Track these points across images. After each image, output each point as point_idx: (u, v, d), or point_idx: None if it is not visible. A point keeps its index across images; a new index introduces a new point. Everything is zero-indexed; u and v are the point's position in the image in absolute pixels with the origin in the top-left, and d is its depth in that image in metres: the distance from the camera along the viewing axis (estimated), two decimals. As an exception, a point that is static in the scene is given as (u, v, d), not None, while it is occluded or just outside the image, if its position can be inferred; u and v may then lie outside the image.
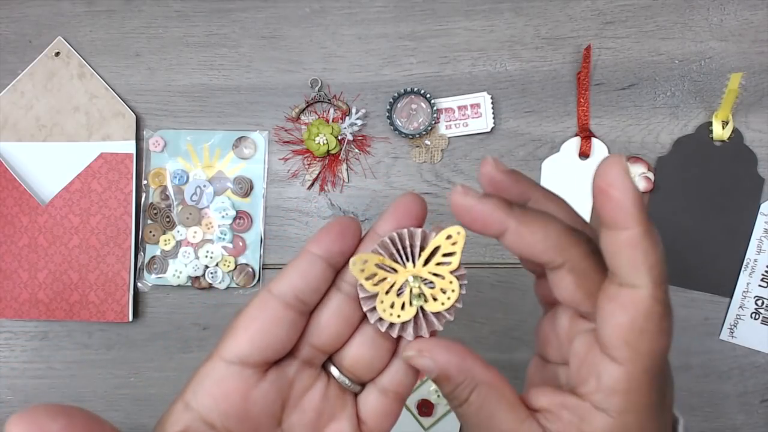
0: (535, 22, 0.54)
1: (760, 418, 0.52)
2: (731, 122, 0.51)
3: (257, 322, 0.26)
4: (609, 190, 0.23)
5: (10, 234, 0.54)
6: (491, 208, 0.25)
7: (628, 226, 0.23)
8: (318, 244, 0.27)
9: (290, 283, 0.27)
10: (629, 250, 0.23)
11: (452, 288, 0.27)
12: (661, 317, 0.24)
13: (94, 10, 0.56)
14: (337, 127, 0.53)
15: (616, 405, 0.25)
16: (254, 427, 0.27)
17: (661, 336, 0.24)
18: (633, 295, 0.23)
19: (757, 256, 0.51)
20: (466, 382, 0.27)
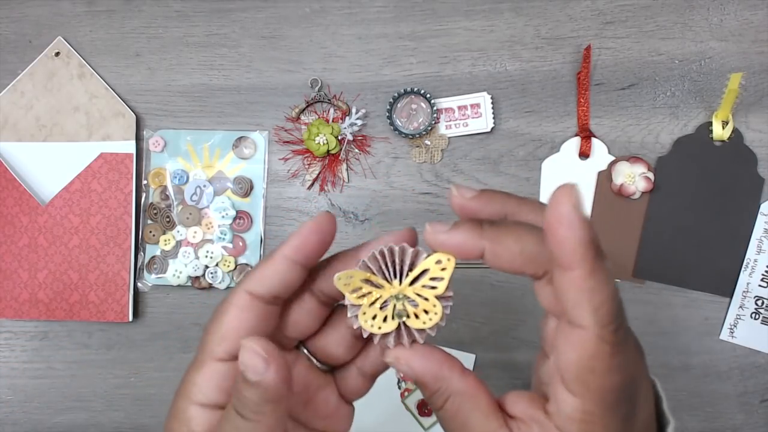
0: (535, 22, 0.54)
1: (760, 418, 0.52)
2: (731, 122, 0.51)
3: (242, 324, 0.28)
4: (555, 227, 0.22)
5: (10, 234, 0.54)
6: (462, 236, 0.26)
7: (573, 267, 0.23)
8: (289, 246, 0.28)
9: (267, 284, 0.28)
10: (574, 291, 0.23)
11: (434, 311, 0.28)
12: (611, 356, 0.24)
13: (94, 10, 0.56)
14: (337, 127, 0.53)
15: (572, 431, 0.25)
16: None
17: (611, 374, 0.24)
18: (580, 335, 0.24)
19: (757, 256, 0.51)
20: (440, 391, 0.27)
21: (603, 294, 0.23)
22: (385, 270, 0.28)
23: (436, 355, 0.28)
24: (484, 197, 0.27)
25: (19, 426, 0.55)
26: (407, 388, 0.52)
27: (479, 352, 0.52)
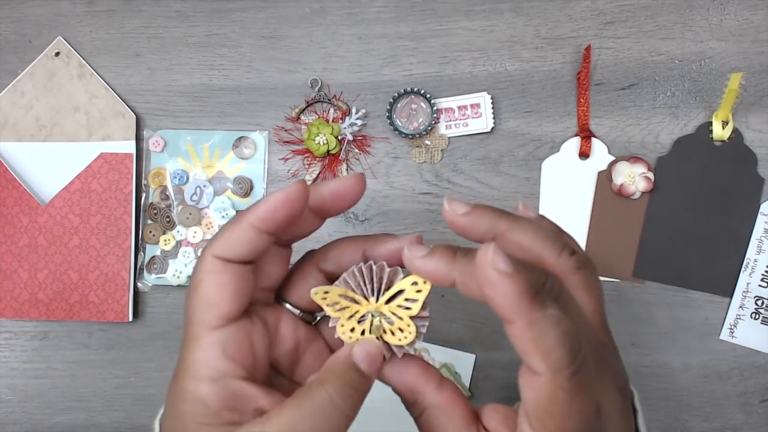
0: (535, 22, 0.54)
1: (760, 418, 0.52)
2: (731, 122, 0.51)
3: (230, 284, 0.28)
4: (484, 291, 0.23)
5: (10, 234, 0.54)
6: (435, 264, 0.26)
7: (511, 320, 0.23)
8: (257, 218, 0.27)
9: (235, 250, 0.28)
10: (519, 341, 0.23)
11: (409, 331, 0.28)
12: (567, 401, 0.24)
13: (94, 10, 0.56)
14: (337, 127, 0.53)
15: None
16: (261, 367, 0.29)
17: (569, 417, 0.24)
18: (537, 381, 0.24)
19: (757, 256, 0.51)
20: (416, 403, 0.28)
21: (550, 341, 0.23)
22: (363, 287, 0.28)
23: (411, 369, 0.28)
24: (475, 214, 0.27)
25: (19, 426, 0.55)
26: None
27: (479, 352, 0.52)
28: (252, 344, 0.28)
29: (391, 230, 0.53)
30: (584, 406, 0.25)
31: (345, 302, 0.29)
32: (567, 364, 0.23)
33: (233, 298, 0.28)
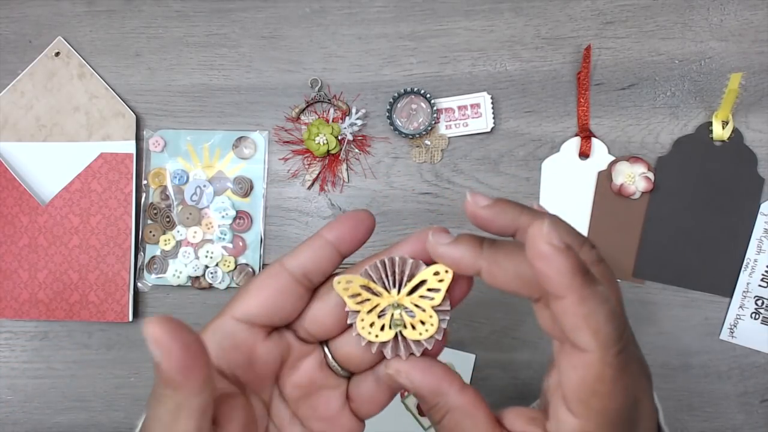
0: (535, 22, 0.54)
1: (760, 418, 0.52)
2: (731, 122, 0.51)
3: (268, 290, 0.28)
4: (536, 264, 0.23)
5: (10, 234, 0.54)
6: (461, 252, 0.26)
7: (563, 295, 0.23)
8: (332, 230, 0.29)
9: (301, 261, 0.29)
10: (570, 317, 0.23)
11: (431, 322, 0.28)
12: (614, 379, 0.24)
13: (94, 10, 0.56)
14: (337, 127, 0.53)
15: None
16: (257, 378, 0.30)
17: (613, 397, 0.24)
18: (583, 358, 0.24)
19: (757, 256, 0.51)
20: (438, 406, 0.28)
21: (600, 317, 0.23)
22: (385, 279, 0.28)
23: (435, 370, 0.28)
24: (497, 208, 0.27)
25: (19, 426, 0.55)
26: (407, 388, 0.52)
27: (479, 352, 0.52)
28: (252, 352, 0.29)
29: (391, 230, 0.53)
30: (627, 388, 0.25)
31: (366, 294, 0.28)
32: (615, 341, 0.23)
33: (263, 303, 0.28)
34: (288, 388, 0.31)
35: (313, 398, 0.31)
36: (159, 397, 0.26)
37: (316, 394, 0.31)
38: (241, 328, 0.29)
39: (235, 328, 0.29)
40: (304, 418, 0.31)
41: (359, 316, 0.28)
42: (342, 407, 0.31)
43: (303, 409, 0.31)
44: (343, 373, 0.31)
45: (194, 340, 0.25)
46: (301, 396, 0.31)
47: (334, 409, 0.31)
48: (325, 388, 0.31)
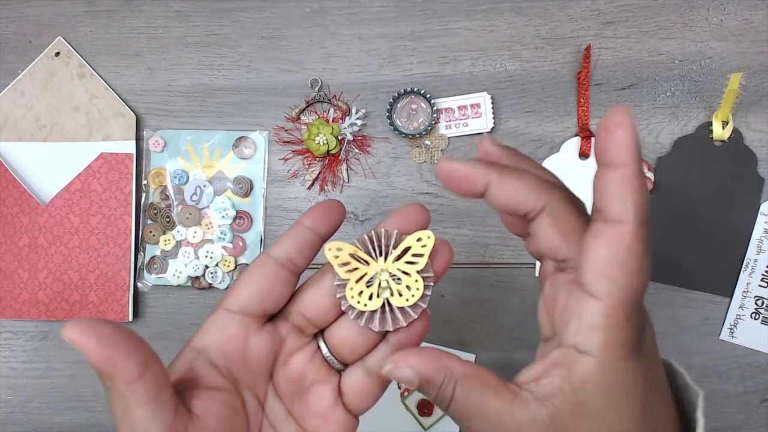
0: (535, 22, 0.54)
1: (760, 418, 0.52)
2: (731, 122, 0.51)
3: (257, 278, 0.30)
4: (614, 129, 0.24)
5: (10, 234, 0.54)
6: (472, 166, 0.28)
7: (626, 163, 0.24)
8: (308, 217, 0.31)
9: (285, 247, 0.31)
10: (622, 185, 0.25)
11: (417, 287, 0.29)
12: (642, 255, 0.25)
13: (94, 10, 0.56)
14: (337, 127, 0.53)
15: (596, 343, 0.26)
16: (250, 373, 0.31)
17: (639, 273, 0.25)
18: (618, 230, 0.25)
19: (757, 256, 0.51)
20: (446, 380, 0.28)
21: (643, 196, 0.25)
22: (372, 249, 0.30)
23: (430, 351, 0.28)
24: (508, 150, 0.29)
25: (19, 426, 0.55)
26: (407, 388, 0.52)
27: (479, 352, 0.52)
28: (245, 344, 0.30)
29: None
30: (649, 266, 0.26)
31: (355, 263, 0.30)
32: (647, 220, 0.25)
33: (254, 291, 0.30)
34: (282, 384, 0.32)
35: (306, 394, 0.32)
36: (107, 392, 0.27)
37: (309, 390, 0.32)
38: (235, 320, 0.30)
39: (228, 320, 0.30)
40: (299, 415, 0.32)
41: (348, 285, 0.30)
42: (335, 403, 0.32)
43: (297, 406, 0.32)
44: (336, 365, 0.32)
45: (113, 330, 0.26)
46: (295, 392, 0.32)
47: (326, 405, 0.32)
48: (318, 384, 0.32)
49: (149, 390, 0.27)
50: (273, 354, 0.31)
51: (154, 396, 0.27)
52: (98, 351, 0.26)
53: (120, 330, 0.26)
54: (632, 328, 0.26)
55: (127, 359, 0.26)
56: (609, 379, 0.26)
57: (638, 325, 0.26)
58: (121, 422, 0.27)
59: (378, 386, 0.32)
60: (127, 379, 0.26)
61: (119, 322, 0.54)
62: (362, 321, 0.30)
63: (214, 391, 0.30)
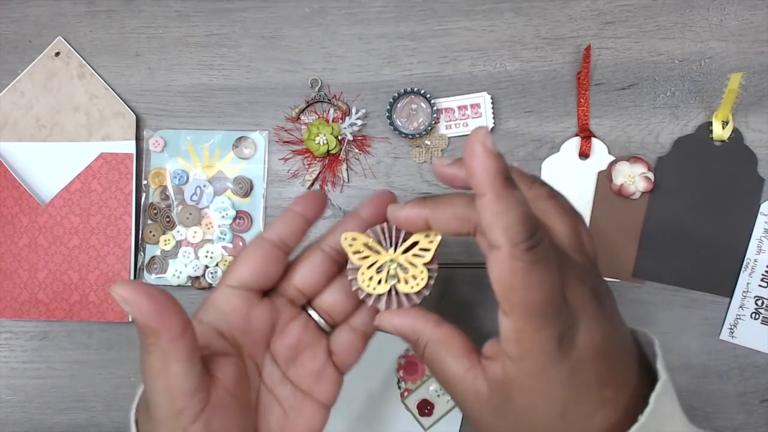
0: (535, 22, 0.54)
1: (760, 418, 0.52)
2: (731, 122, 0.51)
3: (255, 257, 0.34)
4: (467, 162, 0.27)
5: (10, 234, 0.54)
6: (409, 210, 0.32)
7: (483, 192, 0.26)
8: (298, 204, 0.36)
9: (278, 230, 0.35)
10: (485, 213, 0.27)
11: (421, 277, 0.33)
12: (525, 272, 0.27)
13: (94, 10, 0.56)
14: (337, 127, 0.53)
15: (512, 352, 0.29)
16: (252, 341, 0.35)
17: (529, 289, 0.27)
18: (497, 255, 0.27)
19: (757, 256, 0.51)
20: (419, 341, 0.33)
21: (511, 216, 0.26)
22: (384, 239, 0.34)
23: (412, 313, 0.33)
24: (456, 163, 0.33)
25: (19, 426, 0.55)
26: (407, 388, 0.52)
27: (479, 352, 0.52)
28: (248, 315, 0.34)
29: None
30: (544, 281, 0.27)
31: (367, 251, 0.34)
32: (524, 238, 0.26)
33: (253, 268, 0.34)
34: (279, 350, 0.36)
35: (300, 357, 0.36)
36: (146, 349, 0.29)
37: (303, 353, 0.36)
38: (237, 294, 0.34)
39: (231, 294, 0.34)
40: (294, 377, 0.36)
41: (360, 271, 0.34)
42: (326, 361, 0.36)
43: (292, 369, 0.36)
44: (326, 328, 0.37)
45: (159, 292, 0.29)
46: (290, 356, 0.36)
47: (319, 363, 0.36)
48: (310, 347, 0.36)
49: (188, 347, 0.29)
50: (271, 324, 0.35)
51: (191, 354, 0.30)
52: (148, 308, 0.28)
53: (165, 292, 0.29)
54: (546, 339, 0.28)
55: (173, 317, 0.29)
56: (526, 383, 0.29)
57: (555, 334, 0.28)
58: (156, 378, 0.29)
59: (362, 341, 0.37)
60: (171, 335, 0.29)
61: (120, 322, 0.54)
62: (370, 302, 0.34)
63: (225, 357, 0.33)
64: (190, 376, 0.30)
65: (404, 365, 0.52)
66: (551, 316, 0.28)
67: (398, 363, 0.52)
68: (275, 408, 0.35)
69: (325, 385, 0.36)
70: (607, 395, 0.30)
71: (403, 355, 0.52)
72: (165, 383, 0.29)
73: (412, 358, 0.52)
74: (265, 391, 0.35)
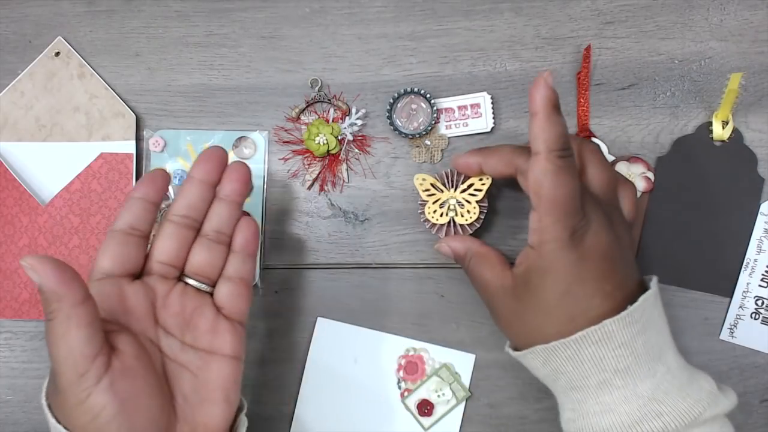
0: (535, 22, 0.54)
1: (760, 418, 0.52)
2: (731, 122, 0.51)
3: (109, 248, 0.38)
4: (531, 91, 0.36)
5: (10, 234, 0.54)
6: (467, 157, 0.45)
7: (536, 112, 0.36)
8: (137, 190, 0.40)
9: (125, 219, 0.39)
10: (534, 128, 0.36)
11: (474, 212, 0.46)
12: (554, 173, 0.36)
13: (94, 10, 0.56)
14: (337, 127, 0.53)
15: (535, 240, 0.38)
16: (136, 321, 0.37)
17: (555, 188, 0.36)
18: (535, 159, 0.37)
19: (757, 256, 0.51)
20: (466, 254, 0.44)
21: (551, 131, 0.36)
22: (446, 182, 0.47)
23: (462, 237, 0.46)
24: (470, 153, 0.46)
25: (19, 426, 0.55)
26: (407, 388, 0.52)
27: (479, 352, 0.52)
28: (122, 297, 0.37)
29: (391, 230, 0.53)
30: (566, 183, 0.36)
31: (433, 190, 0.47)
32: (557, 147, 0.36)
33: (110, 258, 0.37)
34: (168, 321, 0.39)
35: (191, 321, 0.39)
36: (50, 314, 0.32)
37: (192, 317, 0.39)
38: (105, 282, 0.37)
39: (99, 285, 0.37)
40: (191, 341, 0.39)
41: (427, 206, 0.47)
42: (216, 315, 0.40)
43: (188, 334, 0.39)
44: (206, 288, 0.40)
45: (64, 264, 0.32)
46: (181, 323, 0.39)
47: (211, 319, 0.39)
48: (197, 308, 0.39)
49: (90, 314, 0.32)
50: (149, 301, 0.38)
51: (92, 320, 0.32)
52: (53, 274, 0.31)
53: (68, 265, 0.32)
54: (561, 228, 0.37)
55: (75, 283, 0.32)
56: (542, 265, 0.38)
57: (569, 226, 0.37)
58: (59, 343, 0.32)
59: (242, 286, 0.41)
60: (74, 301, 0.31)
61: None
62: (434, 230, 0.47)
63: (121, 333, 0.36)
64: (92, 341, 0.32)
65: (404, 365, 0.52)
66: (567, 211, 0.36)
67: (398, 363, 0.52)
68: (184, 373, 0.38)
69: (223, 337, 0.39)
70: (606, 288, 0.38)
71: (403, 355, 0.52)
72: (67, 347, 0.31)
73: (412, 357, 0.52)
74: (169, 361, 0.38)
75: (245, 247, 0.41)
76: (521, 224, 0.52)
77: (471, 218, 0.46)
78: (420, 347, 0.52)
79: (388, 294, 0.53)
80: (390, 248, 0.53)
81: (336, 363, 0.52)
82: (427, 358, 0.52)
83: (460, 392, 0.51)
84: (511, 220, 0.52)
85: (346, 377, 0.52)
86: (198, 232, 0.41)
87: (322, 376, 0.52)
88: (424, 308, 0.53)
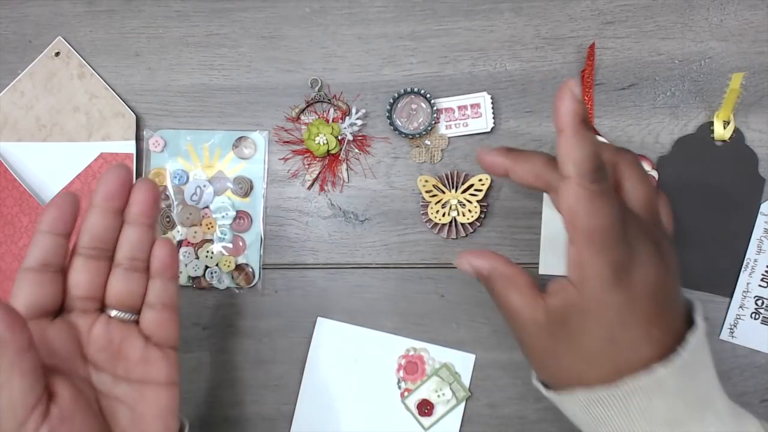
0: (535, 22, 0.54)
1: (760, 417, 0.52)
2: (732, 122, 0.51)
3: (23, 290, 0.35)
4: (556, 102, 0.32)
5: (10, 234, 0.54)
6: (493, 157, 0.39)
7: (563, 128, 0.31)
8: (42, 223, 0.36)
9: (33, 257, 0.36)
10: (563, 148, 0.32)
11: (475, 211, 0.49)
12: (588, 200, 0.31)
13: (94, 10, 0.56)
14: (337, 127, 0.53)
15: (574, 277, 0.33)
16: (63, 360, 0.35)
17: (591, 216, 0.31)
18: (566, 185, 0.32)
19: (757, 256, 0.51)
20: (492, 275, 0.38)
21: (582, 151, 0.31)
22: (447, 183, 0.49)
23: (487, 253, 0.39)
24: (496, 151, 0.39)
25: None
26: (407, 388, 0.52)
27: (479, 352, 0.52)
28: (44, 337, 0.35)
29: (391, 230, 0.53)
30: (603, 209, 0.31)
31: (435, 191, 0.50)
32: (590, 170, 0.31)
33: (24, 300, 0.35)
34: (96, 356, 0.37)
35: (120, 354, 0.37)
36: None
37: (121, 349, 0.37)
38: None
39: None
40: (123, 374, 0.37)
41: (430, 207, 0.49)
42: (145, 345, 0.38)
43: (119, 366, 0.37)
44: (129, 317, 0.38)
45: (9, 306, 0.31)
46: (110, 357, 0.37)
47: (140, 349, 0.37)
48: (124, 340, 0.37)
49: (33, 362, 0.31)
50: (74, 338, 0.36)
51: (35, 368, 0.31)
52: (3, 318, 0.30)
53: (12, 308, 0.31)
54: (604, 264, 0.32)
55: (22, 330, 0.30)
56: (584, 306, 0.33)
57: (612, 261, 0.32)
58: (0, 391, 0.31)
59: (168, 313, 0.39)
60: (19, 348, 0.30)
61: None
62: (436, 230, 0.50)
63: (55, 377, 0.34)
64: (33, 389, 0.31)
65: (404, 365, 0.52)
66: (609, 243, 0.32)
67: (398, 363, 0.52)
68: (120, 407, 0.37)
69: (156, 366, 0.38)
70: (653, 333, 0.33)
71: (403, 355, 0.52)
72: (8, 396, 0.31)
73: (412, 357, 0.52)
74: (104, 398, 0.37)
75: (163, 271, 0.39)
76: (521, 224, 0.52)
77: (472, 217, 0.48)
78: (420, 347, 0.52)
79: (388, 294, 0.53)
80: (390, 248, 0.53)
81: (336, 363, 0.52)
82: (427, 358, 0.52)
83: (460, 392, 0.51)
84: (511, 220, 0.52)
85: (346, 377, 0.52)
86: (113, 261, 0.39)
87: (322, 376, 0.52)
88: (424, 308, 0.53)
